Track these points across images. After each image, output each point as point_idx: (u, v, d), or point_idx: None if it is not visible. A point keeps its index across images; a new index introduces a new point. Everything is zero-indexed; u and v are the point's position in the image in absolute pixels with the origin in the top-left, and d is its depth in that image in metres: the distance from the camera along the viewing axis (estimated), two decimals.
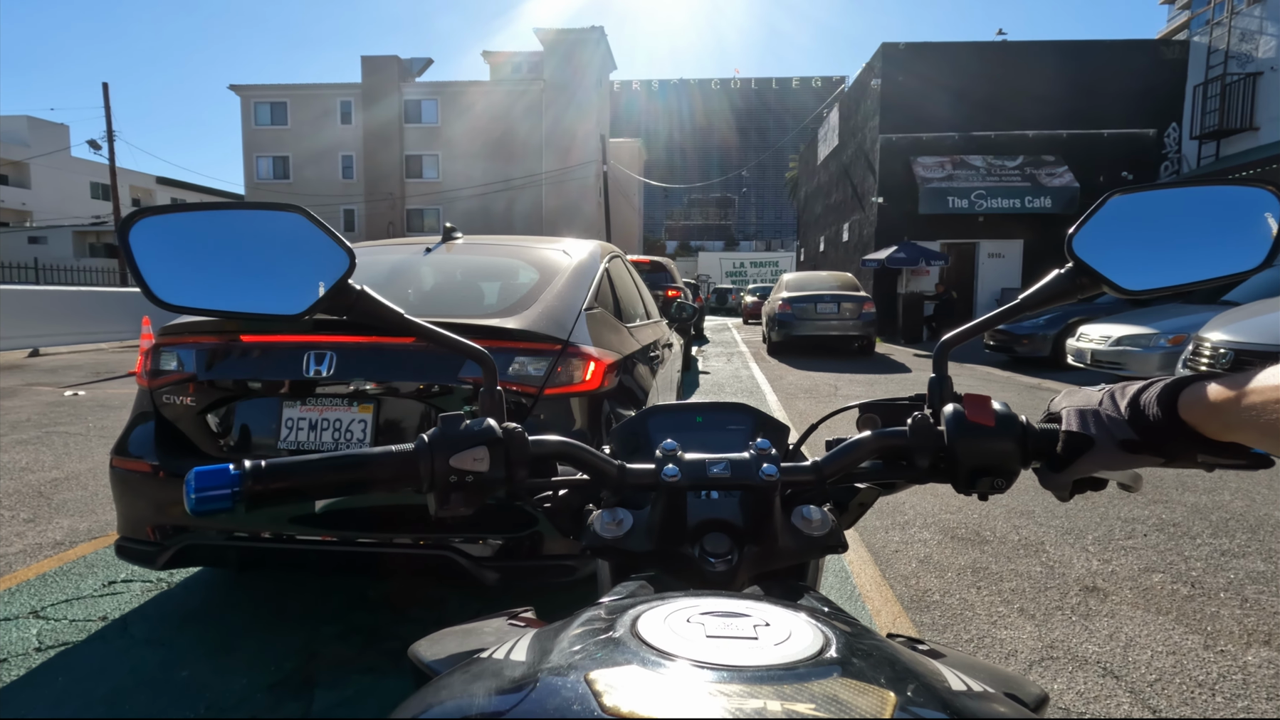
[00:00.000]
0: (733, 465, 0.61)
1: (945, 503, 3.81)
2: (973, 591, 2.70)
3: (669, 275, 11.31)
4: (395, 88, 35.56)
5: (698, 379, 10.14)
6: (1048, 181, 15.69)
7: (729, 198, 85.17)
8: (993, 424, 0.60)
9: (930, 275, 16.22)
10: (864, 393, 8.05)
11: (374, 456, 0.58)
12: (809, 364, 10.84)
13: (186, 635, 2.32)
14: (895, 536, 3.29)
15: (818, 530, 0.62)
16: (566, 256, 2.78)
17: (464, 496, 0.59)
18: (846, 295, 12.09)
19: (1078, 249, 0.62)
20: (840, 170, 21.37)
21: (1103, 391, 0.60)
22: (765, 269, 44.72)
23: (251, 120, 36.59)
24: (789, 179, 54.50)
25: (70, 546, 3.10)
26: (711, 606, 0.41)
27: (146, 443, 2.21)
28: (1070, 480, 0.62)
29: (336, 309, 0.63)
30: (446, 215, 35.89)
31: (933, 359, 0.68)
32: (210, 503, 0.52)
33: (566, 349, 2.16)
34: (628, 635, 0.37)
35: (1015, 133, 16.32)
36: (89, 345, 12.41)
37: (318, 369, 2.05)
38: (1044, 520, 3.50)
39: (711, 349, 13.86)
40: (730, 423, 0.80)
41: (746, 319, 24.57)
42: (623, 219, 39.13)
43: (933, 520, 3.51)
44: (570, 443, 0.63)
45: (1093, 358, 8.05)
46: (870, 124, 17.55)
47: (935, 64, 16.56)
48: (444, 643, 0.60)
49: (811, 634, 0.38)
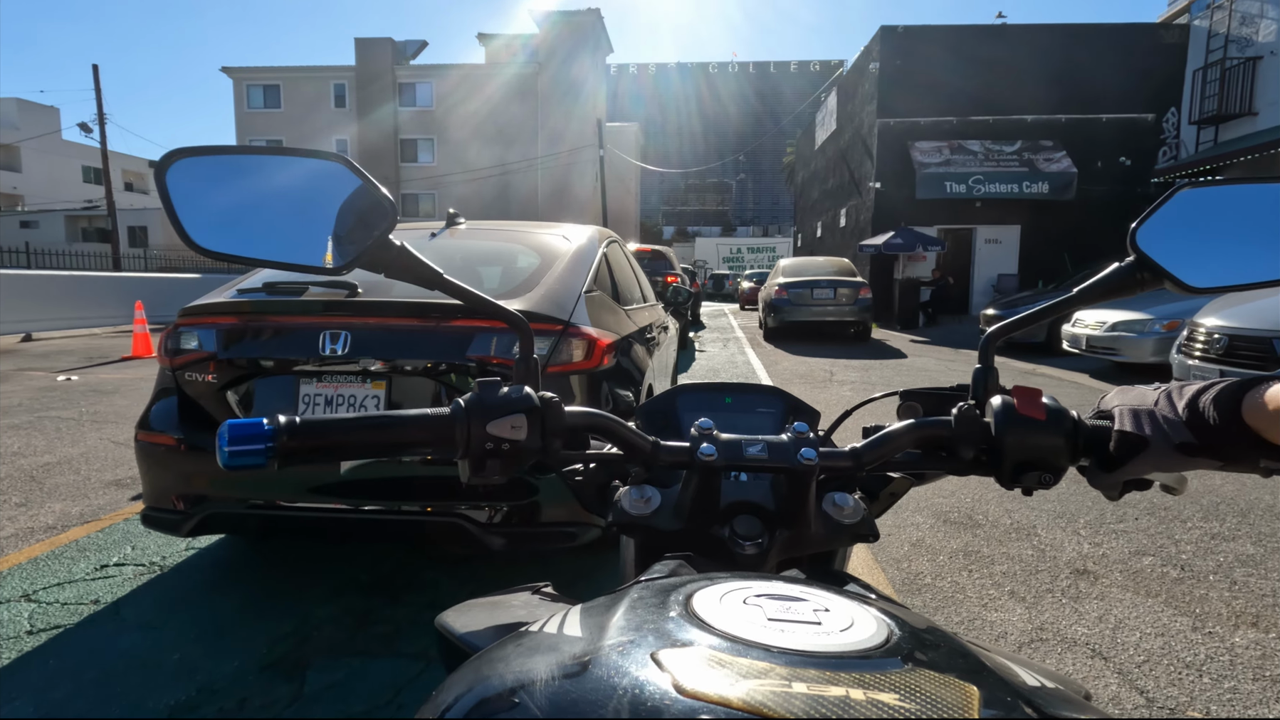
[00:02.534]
0: (770, 447, 0.60)
1: (939, 487, 3.82)
2: (964, 575, 2.72)
3: (668, 263, 11.32)
4: (389, 70, 35.18)
5: (694, 356, 10.15)
6: (1045, 167, 15.63)
7: (726, 183, 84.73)
8: (1043, 418, 0.59)
9: (927, 261, 16.20)
10: (860, 379, 8.06)
11: (410, 419, 0.56)
12: (804, 349, 10.84)
13: (178, 618, 2.32)
14: (888, 520, 3.30)
15: (849, 518, 0.61)
16: (566, 241, 2.87)
17: (500, 464, 0.57)
18: (843, 280, 12.07)
19: (1141, 242, 0.61)
20: (838, 155, 21.26)
21: (1158, 391, 0.58)
22: (762, 254, 44.58)
23: (244, 103, 36.19)
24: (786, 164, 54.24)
25: (62, 530, 3.09)
26: (765, 589, 0.40)
27: (170, 417, 2.31)
28: (1121, 480, 0.60)
29: (377, 264, 0.61)
30: (441, 200, 35.66)
31: (979, 350, 0.67)
32: (243, 457, 0.50)
33: (567, 329, 2.24)
34: (685, 614, 0.36)
35: (1013, 117, 16.24)
36: (82, 330, 12.34)
37: (333, 348, 2.15)
38: (1036, 504, 3.51)
39: (707, 334, 13.85)
40: (760, 405, 0.80)
41: (743, 305, 24.52)
42: (620, 204, 38.98)
43: (926, 504, 3.53)
44: (604, 415, 0.62)
45: (1088, 343, 8.07)
46: (868, 108, 17.44)
47: (934, 47, 16.44)
48: (472, 614, 0.59)
49: (874, 622, 0.37)
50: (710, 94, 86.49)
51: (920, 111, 16.48)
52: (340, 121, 35.85)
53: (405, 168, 36.07)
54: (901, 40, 16.58)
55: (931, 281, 15.71)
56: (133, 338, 9.46)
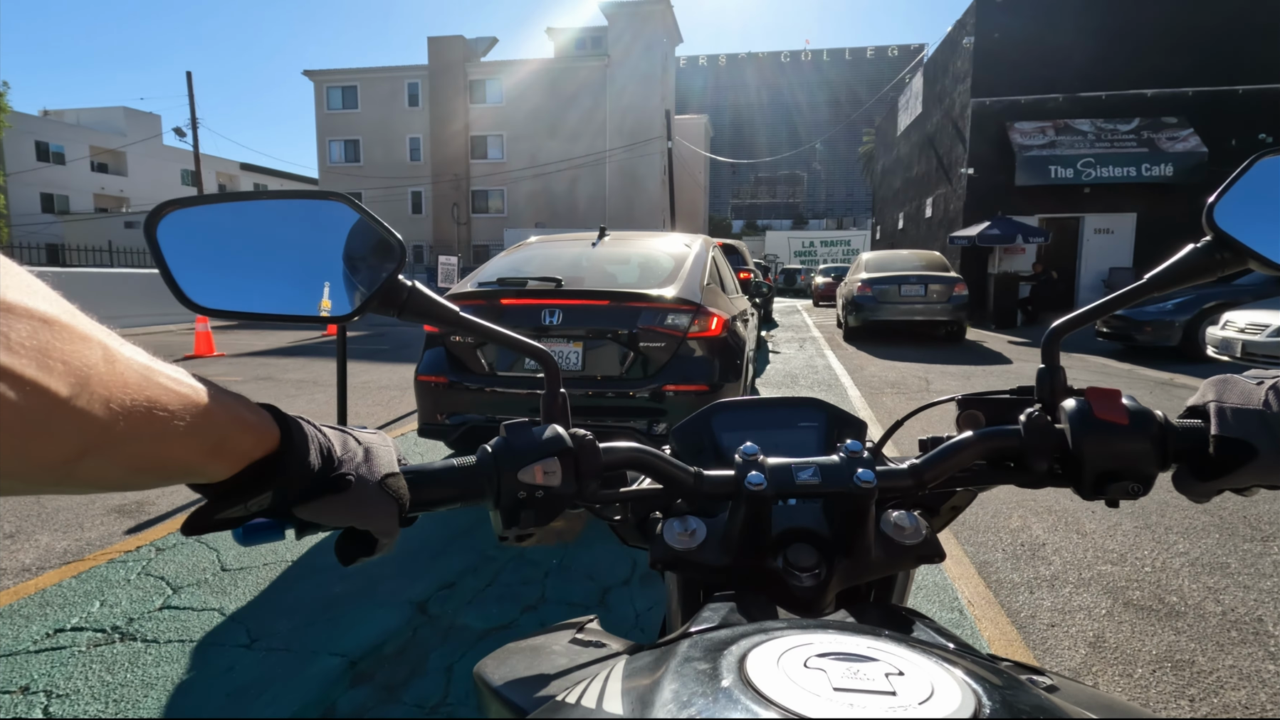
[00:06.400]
0: (823, 471, 0.56)
1: (1096, 543, 2.96)
2: (1183, 706, 1.89)
3: (741, 258, 10.64)
4: (460, 68, 35.52)
5: (768, 358, 9.34)
6: (1168, 146, 13.90)
7: (797, 174, 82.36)
8: (1126, 422, 0.54)
9: (1027, 254, 14.70)
10: (959, 387, 7.07)
11: (441, 472, 0.53)
12: (892, 352, 9.82)
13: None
14: (1045, 599, 2.48)
15: (910, 538, 0.56)
16: (687, 247, 3.85)
17: (535, 515, 0.53)
18: (935, 276, 10.91)
19: (1219, 219, 0.54)
20: (923, 140, 19.78)
21: (1264, 387, 0.51)
22: (836, 248, 42.87)
23: (324, 105, 37.33)
24: (862, 153, 51.96)
25: (36, 573, 2.65)
26: (827, 646, 0.36)
27: (440, 364, 3.34)
28: (1219, 489, 0.53)
29: (387, 307, 0.56)
30: (510, 196, 35.81)
31: (1041, 348, 0.62)
32: (259, 533, 0.47)
33: (699, 309, 3.19)
34: (738, 684, 0.32)
35: (1130, 92, 14.50)
36: (158, 327, 12.59)
37: (550, 320, 3.14)
38: (1246, 577, 2.61)
39: (781, 334, 12.94)
40: (801, 419, 0.73)
41: (817, 301, 23.38)
42: (688, 197, 38.12)
43: (1090, 573, 2.68)
44: (643, 449, 0.58)
45: (1244, 350, 6.81)
46: (960, 87, 16.02)
47: (1037, 17, 14.86)
48: (510, 663, 0.55)
49: (957, 688, 0.32)
50: (782, 84, 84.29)
51: (1020, 89, 14.97)
52: (414, 120, 36.47)
53: (475, 164, 36.36)
54: (1000, 10, 15.07)
55: (1032, 276, 14.23)
56: (195, 336, 9.42)
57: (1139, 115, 14.46)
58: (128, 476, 0.32)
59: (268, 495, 0.43)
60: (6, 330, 0.24)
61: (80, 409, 0.27)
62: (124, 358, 0.31)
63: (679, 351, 3.20)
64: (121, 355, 0.31)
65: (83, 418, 0.28)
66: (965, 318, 11.00)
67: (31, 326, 0.26)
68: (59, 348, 0.26)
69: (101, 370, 0.29)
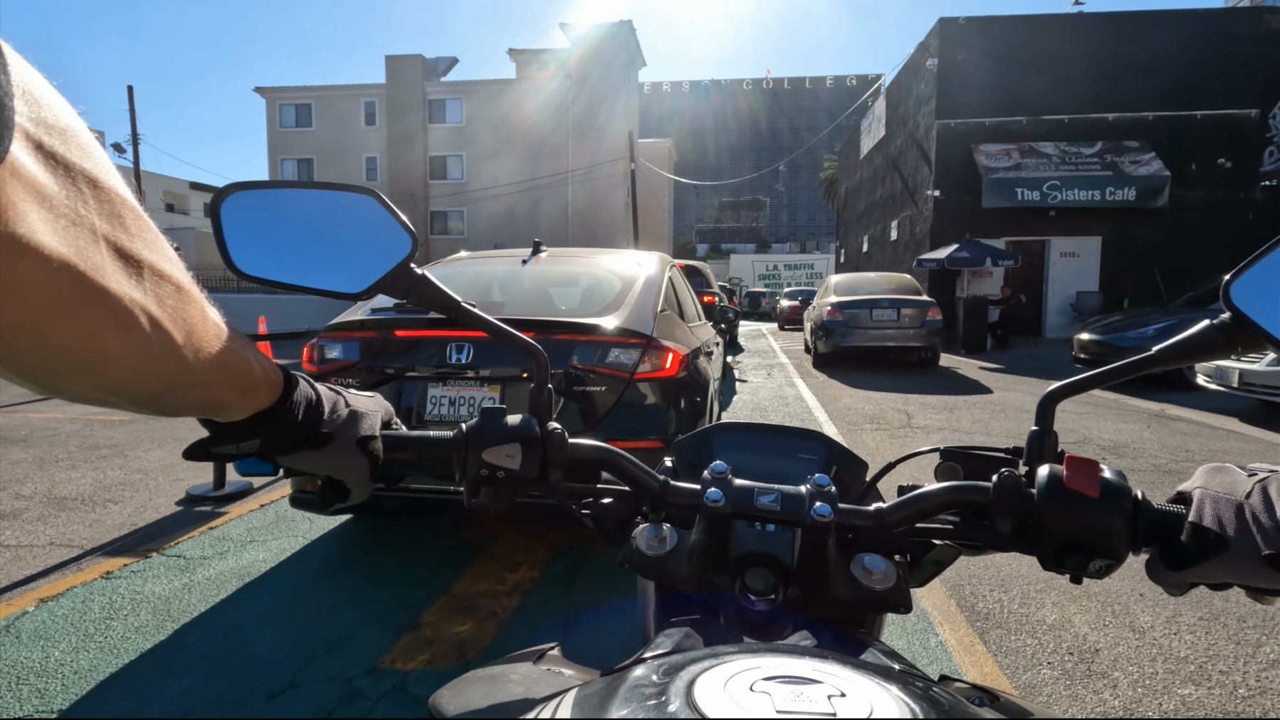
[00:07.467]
0: (784, 499, 0.57)
1: (1160, 646, 2.29)
2: None
3: (704, 280, 10.04)
4: (419, 87, 34.71)
5: (734, 388, 8.66)
6: (1132, 170, 13.84)
7: (760, 199, 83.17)
8: (1096, 494, 0.52)
9: (995, 277, 14.45)
10: (943, 420, 6.48)
11: (415, 440, 0.59)
12: (865, 381, 9.24)
13: None
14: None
15: (879, 583, 0.55)
16: (638, 266, 3.30)
17: (493, 491, 0.58)
18: (907, 300, 10.44)
19: (1236, 298, 0.51)
20: (887, 163, 19.65)
21: (1254, 480, 0.49)
22: (800, 271, 43.00)
23: (277, 123, 36.08)
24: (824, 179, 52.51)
25: None
26: (775, 669, 0.37)
27: None
28: (1188, 581, 0.51)
29: (397, 290, 0.61)
30: (471, 216, 34.93)
31: (1036, 410, 0.61)
32: (255, 465, 0.55)
33: (650, 343, 2.67)
34: (684, 708, 0.33)
35: (1093, 115, 14.47)
36: None
37: (458, 357, 2.61)
38: None
39: (747, 359, 12.32)
40: (801, 450, 0.75)
41: (783, 325, 22.98)
42: (652, 219, 37.77)
43: (1170, 700, 2.00)
44: (609, 449, 0.62)
45: (1241, 380, 6.35)
46: (925, 109, 15.86)
47: (1001, 40, 14.81)
48: (467, 692, 0.55)
49: (895, 707, 0.33)
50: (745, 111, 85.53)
51: (985, 111, 14.84)
52: (370, 138, 35.45)
53: (434, 184, 35.43)
54: (963, 33, 14.99)
55: (1001, 300, 13.94)
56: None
57: (1101, 139, 14.43)
58: (182, 407, 0.42)
59: (255, 442, 0.52)
60: (161, 293, 0.34)
61: (182, 355, 0.36)
62: (212, 319, 0.40)
63: (624, 397, 2.58)
64: (210, 316, 0.40)
65: (181, 362, 0.37)
66: (939, 343, 10.54)
67: (172, 289, 0.35)
68: (183, 308, 0.36)
69: (200, 327, 0.38)
